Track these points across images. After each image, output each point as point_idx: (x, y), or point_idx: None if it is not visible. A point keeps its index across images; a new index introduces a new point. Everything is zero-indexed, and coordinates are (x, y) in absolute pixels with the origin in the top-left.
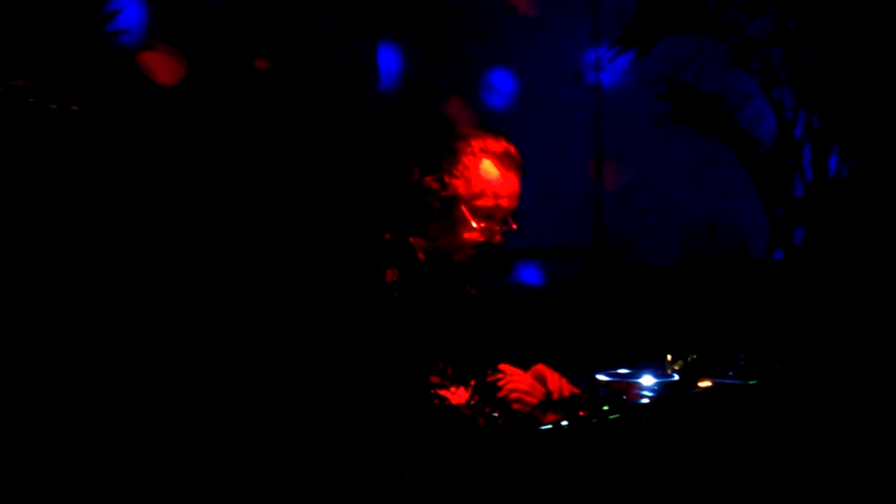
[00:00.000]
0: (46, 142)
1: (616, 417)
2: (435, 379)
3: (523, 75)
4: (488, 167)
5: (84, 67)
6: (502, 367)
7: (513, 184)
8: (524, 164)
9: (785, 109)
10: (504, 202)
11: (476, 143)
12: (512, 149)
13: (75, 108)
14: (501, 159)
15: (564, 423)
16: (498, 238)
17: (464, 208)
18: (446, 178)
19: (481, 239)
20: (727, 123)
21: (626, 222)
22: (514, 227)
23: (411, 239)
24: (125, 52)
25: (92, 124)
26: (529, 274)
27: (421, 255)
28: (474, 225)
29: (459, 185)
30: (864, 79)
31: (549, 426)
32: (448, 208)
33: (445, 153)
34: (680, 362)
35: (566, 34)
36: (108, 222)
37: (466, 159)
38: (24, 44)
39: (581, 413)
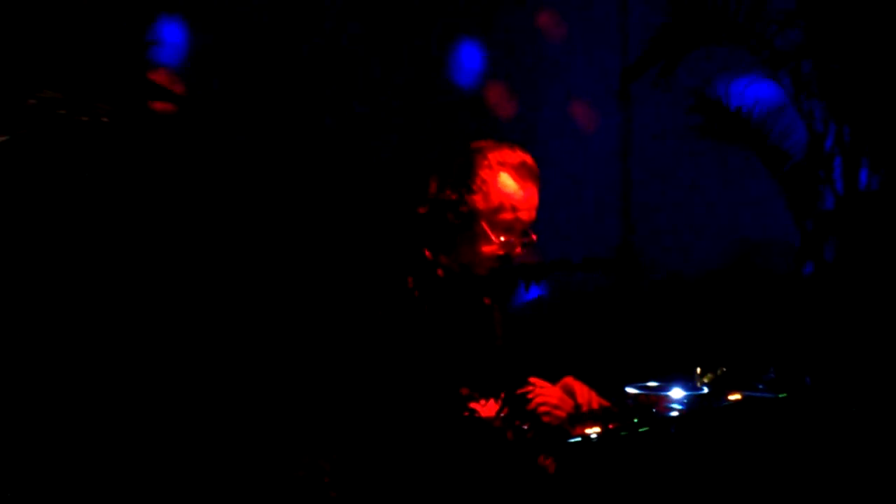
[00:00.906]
0: (77, 153)
1: (646, 430)
2: (465, 392)
3: (552, 86)
4: (506, 180)
5: (116, 81)
6: (531, 380)
7: (532, 196)
8: (552, 175)
9: (815, 121)
10: (523, 215)
11: (493, 156)
12: (529, 159)
13: (106, 119)
14: (519, 171)
15: (594, 435)
16: (518, 250)
17: (483, 223)
18: (464, 193)
19: (501, 252)
20: (757, 136)
21: (654, 234)
22: (534, 238)
23: (428, 253)
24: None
25: (123, 136)
26: (557, 286)
27: (439, 271)
28: (494, 239)
29: (478, 200)
30: (894, 90)
31: (579, 439)
32: (467, 223)
33: (462, 166)
34: (709, 375)
35: (596, 45)
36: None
37: (484, 173)
38: (56, 56)
39: (611, 426)
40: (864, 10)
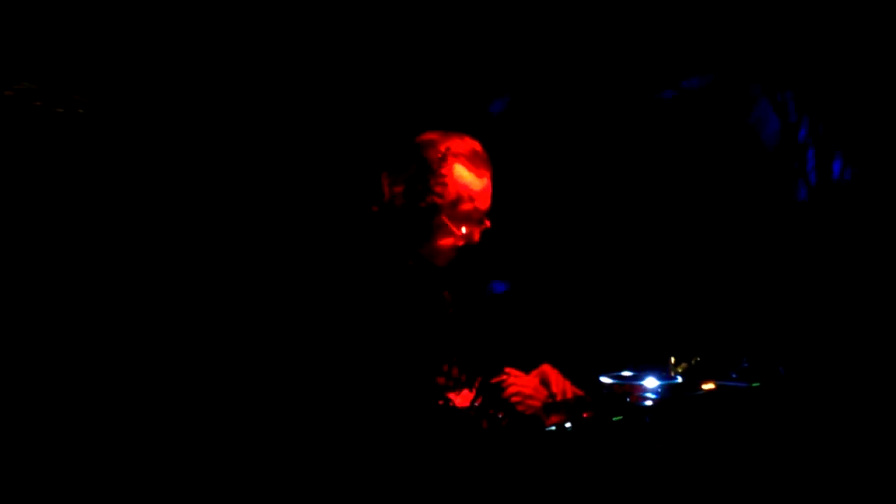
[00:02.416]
0: (54, 144)
1: (619, 419)
2: (440, 381)
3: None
4: (461, 171)
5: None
6: (506, 369)
7: (486, 182)
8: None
9: (788, 113)
10: (480, 203)
11: (444, 147)
12: (479, 146)
13: (81, 110)
14: (472, 160)
15: (568, 425)
16: (476, 238)
17: (443, 217)
18: (420, 188)
19: (461, 243)
20: (731, 127)
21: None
22: (489, 225)
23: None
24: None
25: (98, 127)
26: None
27: (398, 266)
28: (454, 231)
29: (436, 194)
30: (867, 83)
31: (553, 428)
32: (426, 217)
33: (414, 161)
34: (683, 365)
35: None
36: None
37: (437, 166)
38: (31, 48)
39: (585, 415)
40: (836, 1)
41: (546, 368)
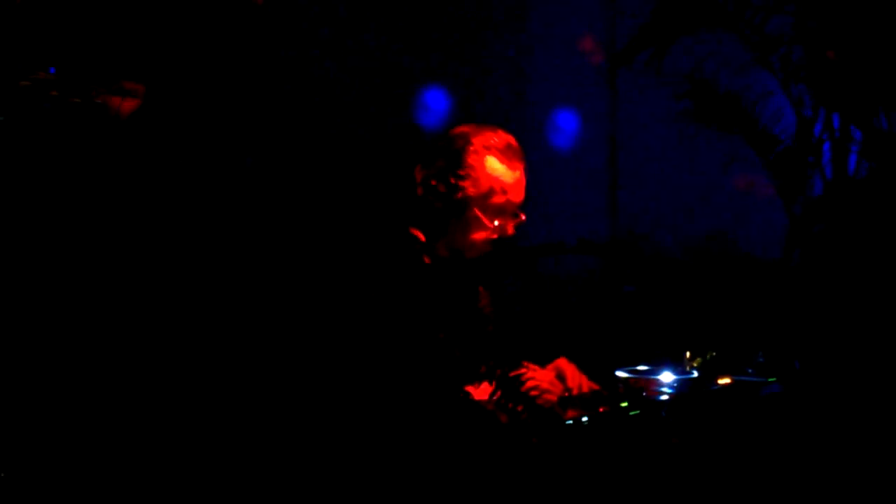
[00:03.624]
0: (71, 134)
1: (636, 414)
2: (460, 374)
3: (540, 70)
4: (494, 164)
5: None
6: (524, 363)
7: (519, 176)
8: (540, 161)
9: (804, 107)
10: (513, 196)
11: (478, 141)
12: (513, 140)
13: (99, 101)
14: (505, 153)
15: (585, 419)
16: (511, 231)
17: (476, 209)
18: (453, 181)
19: (495, 236)
20: (746, 121)
21: (644, 219)
22: (524, 218)
23: (423, 239)
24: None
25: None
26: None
27: (426, 258)
28: (487, 224)
29: (468, 187)
30: (884, 77)
31: (571, 422)
32: (459, 210)
33: (448, 154)
34: (699, 359)
35: (584, 30)
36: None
37: (471, 159)
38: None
39: (601, 409)
40: None
41: (562, 362)
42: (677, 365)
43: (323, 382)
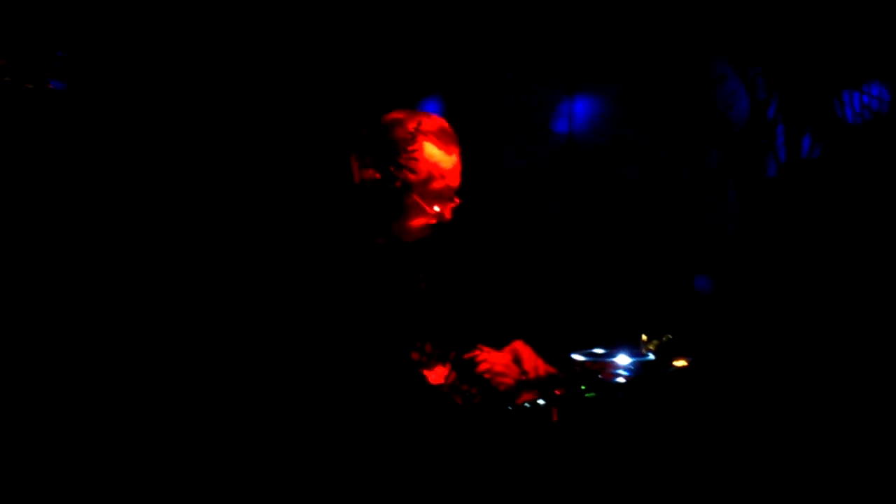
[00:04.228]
0: (25, 121)
1: (592, 396)
2: (414, 357)
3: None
4: (431, 150)
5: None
6: (479, 346)
7: (455, 160)
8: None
9: (758, 89)
10: (451, 181)
11: (412, 126)
12: (445, 124)
13: (51, 87)
14: (441, 137)
15: (541, 401)
16: (448, 216)
17: (415, 196)
18: (391, 169)
19: (434, 221)
20: (701, 103)
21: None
22: (458, 201)
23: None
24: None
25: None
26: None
27: (379, 240)
28: (428, 210)
29: (407, 175)
30: (836, 59)
31: (527, 405)
32: (398, 198)
33: (384, 142)
34: (655, 342)
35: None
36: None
37: (407, 146)
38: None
39: (557, 392)
40: None
41: (518, 345)
42: (633, 348)
43: (278, 371)
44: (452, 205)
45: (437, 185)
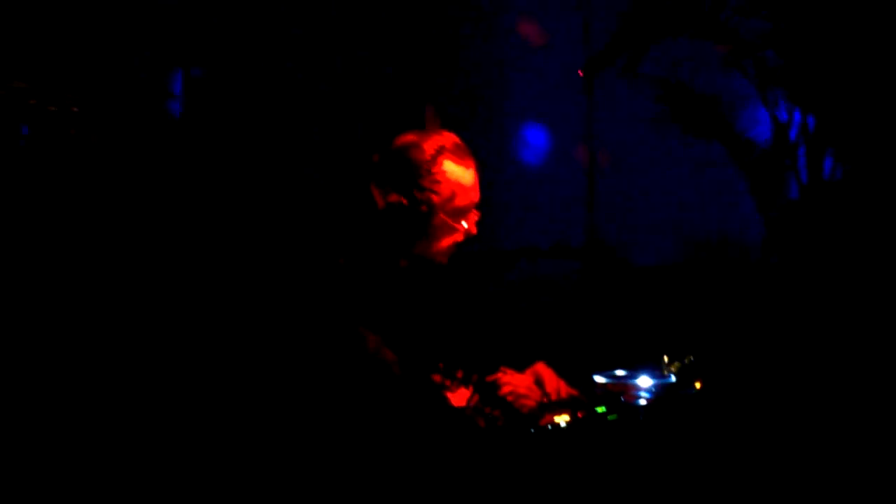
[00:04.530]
0: (49, 141)
1: (614, 418)
2: (437, 379)
3: (518, 79)
4: (450, 166)
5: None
6: (501, 368)
7: (473, 174)
8: (517, 166)
9: (780, 111)
10: (472, 195)
11: (429, 146)
12: (457, 138)
13: (75, 109)
14: (456, 153)
15: (563, 423)
16: (474, 231)
17: (442, 216)
18: (416, 193)
19: (461, 238)
20: (722, 125)
21: (619, 224)
22: (479, 214)
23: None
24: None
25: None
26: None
27: (403, 262)
28: (455, 227)
29: (431, 196)
30: (858, 80)
31: (549, 427)
32: (425, 221)
33: (403, 166)
34: (677, 364)
35: (559, 37)
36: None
37: (428, 167)
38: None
39: (579, 414)
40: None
41: (540, 367)
42: (655, 369)
43: (304, 390)
44: (476, 218)
45: (460, 201)
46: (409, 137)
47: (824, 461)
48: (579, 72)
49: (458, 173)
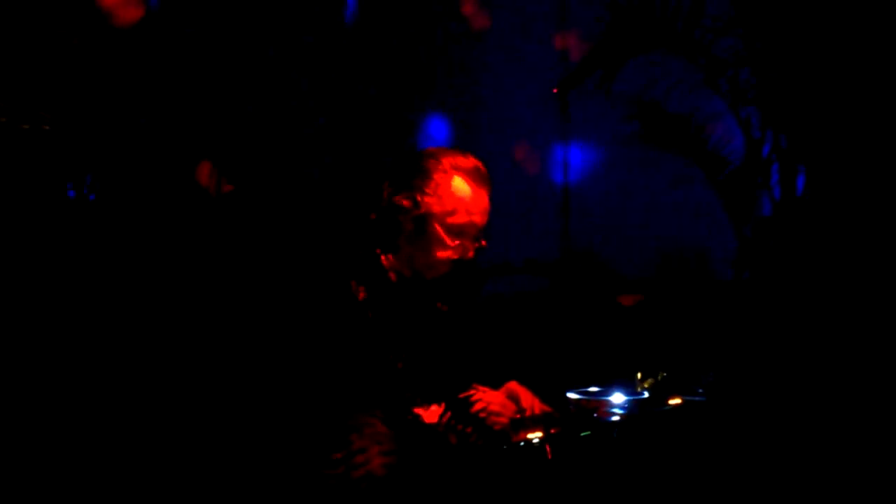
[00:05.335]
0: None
1: (587, 435)
2: (409, 396)
3: (493, 96)
4: (460, 184)
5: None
6: (474, 385)
7: (484, 200)
8: (494, 183)
9: (752, 128)
10: (476, 218)
11: (446, 161)
12: (481, 165)
13: (47, 127)
14: (472, 176)
15: (536, 440)
16: (471, 254)
17: (437, 226)
18: (418, 197)
19: (455, 256)
20: (695, 143)
21: (594, 238)
22: (484, 244)
23: (384, 258)
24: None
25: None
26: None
27: (392, 275)
28: (448, 243)
29: (432, 203)
30: (830, 98)
31: (522, 443)
32: (421, 227)
33: (416, 171)
34: (650, 380)
35: (535, 56)
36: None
37: (438, 177)
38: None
39: (552, 431)
40: (801, 18)
41: (513, 385)
42: (628, 386)
43: (270, 405)
44: (476, 245)
45: (460, 219)
46: (433, 149)
47: (800, 472)
48: (554, 90)
49: (465, 192)
